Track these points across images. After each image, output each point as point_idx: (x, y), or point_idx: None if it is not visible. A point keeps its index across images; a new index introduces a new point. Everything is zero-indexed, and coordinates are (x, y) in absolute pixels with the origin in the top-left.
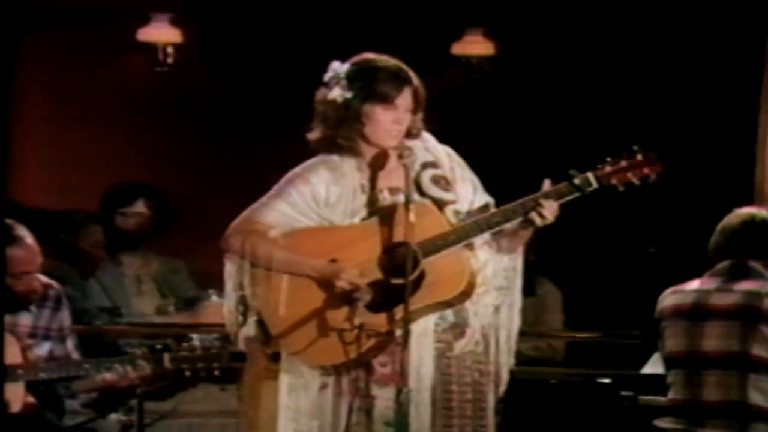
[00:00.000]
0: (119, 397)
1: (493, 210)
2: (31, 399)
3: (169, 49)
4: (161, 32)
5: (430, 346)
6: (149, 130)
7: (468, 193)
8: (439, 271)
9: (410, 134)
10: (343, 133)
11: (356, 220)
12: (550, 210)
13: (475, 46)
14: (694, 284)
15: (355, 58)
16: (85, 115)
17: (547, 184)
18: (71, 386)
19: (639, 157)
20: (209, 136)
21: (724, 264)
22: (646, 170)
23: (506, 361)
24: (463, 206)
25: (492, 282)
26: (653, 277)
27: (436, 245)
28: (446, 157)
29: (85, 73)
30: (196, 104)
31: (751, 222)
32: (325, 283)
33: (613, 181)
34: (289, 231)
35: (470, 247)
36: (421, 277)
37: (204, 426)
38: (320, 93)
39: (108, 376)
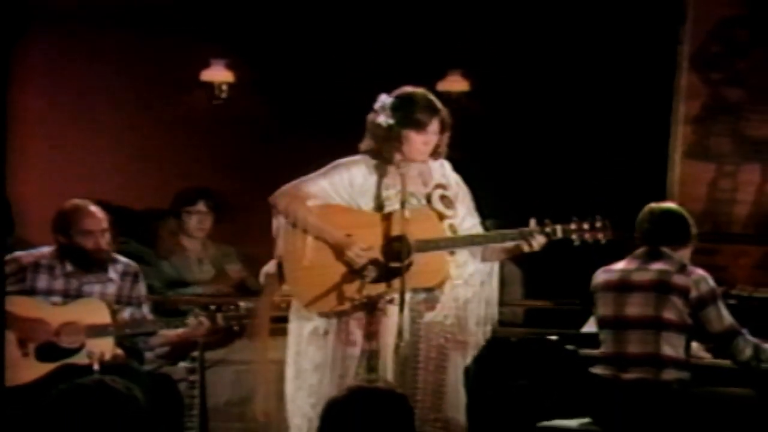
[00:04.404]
0: (186, 350)
1: (478, 232)
2: (119, 351)
3: (224, 87)
4: (218, 74)
5: (405, 313)
6: (208, 147)
7: (463, 213)
8: (425, 264)
9: (436, 153)
10: (386, 148)
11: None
12: (537, 243)
13: (454, 84)
14: (620, 265)
15: (397, 92)
16: (158, 137)
17: (532, 223)
18: (149, 341)
19: (598, 224)
20: (254, 152)
21: (642, 249)
22: (599, 235)
23: (476, 341)
24: (457, 222)
25: (469, 279)
26: (590, 259)
27: (428, 246)
28: (455, 183)
29: (159, 104)
30: (243, 128)
31: (660, 215)
32: (338, 250)
33: (573, 236)
34: (324, 204)
35: (452, 252)
36: (409, 265)
37: (247, 371)
38: (371, 116)
39: (176, 332)
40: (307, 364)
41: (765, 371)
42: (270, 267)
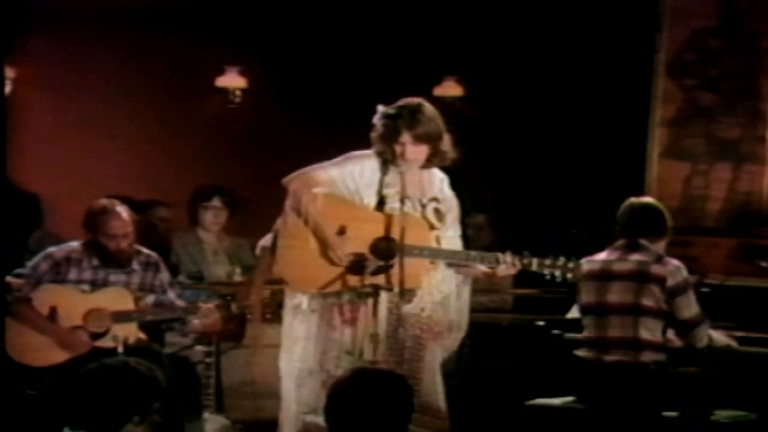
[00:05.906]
0: (209, 335)
1: (459, 248)
2: (141, 335)
3: (237, 92)
4: (232, 80)
5: (384, 304)
6: (222, 147)
7: (448, 224)
8: (406, 268)
9: (432, 160)
10: (383, 153)
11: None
12: (507, 271)
13: (450, 89)
14: (601, 256)
15: (390, 106)
16: (178, 136)
17: (508, 255)
18: (185, 329)
19: (570, 265)
20: (263, 151)
21: (621, 241)
22: (569, 275)
23: (442, 345)
24: (442, 233)
25: (438, 285)
26: (575, 250)
27: (413, 252)
28: (450, 198)
29: (179, 108)
30: (256, 130)
31: (639, 209)
32: (324, 247)
33: (546, 271)
34: (329, 192)
35: (432, 261)
36: (392, 266)
37: (259, 353)
38: (374, 123)
39: (200, 320)
40: (293, 335)
41: (730, 354)
42: (266, 240)
